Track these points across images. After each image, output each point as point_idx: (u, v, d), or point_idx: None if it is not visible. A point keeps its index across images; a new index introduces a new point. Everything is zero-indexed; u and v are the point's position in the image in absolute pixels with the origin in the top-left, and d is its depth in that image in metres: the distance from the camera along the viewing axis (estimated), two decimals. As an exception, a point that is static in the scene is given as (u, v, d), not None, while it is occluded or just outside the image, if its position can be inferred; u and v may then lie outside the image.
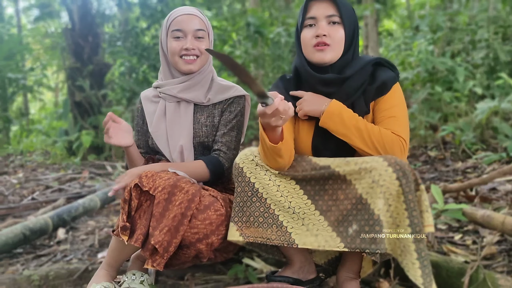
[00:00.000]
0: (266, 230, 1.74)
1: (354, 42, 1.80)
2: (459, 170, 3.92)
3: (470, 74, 5.42)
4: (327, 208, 1.69)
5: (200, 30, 1.96)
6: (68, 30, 8.49)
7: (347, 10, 1.77)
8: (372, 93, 1.76)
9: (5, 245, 2.64)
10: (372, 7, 9.06)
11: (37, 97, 14.61)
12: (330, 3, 1.74)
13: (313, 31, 1.75)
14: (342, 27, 1.74)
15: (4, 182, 5.48)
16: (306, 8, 1.78)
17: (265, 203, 1.74)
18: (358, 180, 1.63)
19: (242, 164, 1.77)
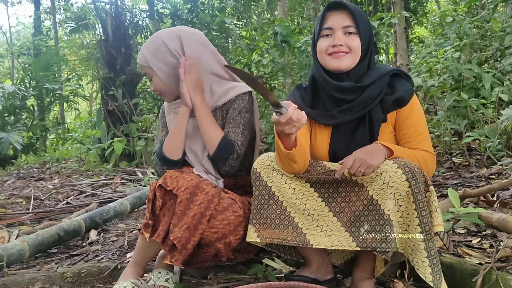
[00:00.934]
0: (282, 232, 1.82)
1: (370, 52, 1.88)
2: (483, 176, 3.90)
3: (497, 81, 5.37)
4: (340, 209, 1.77)
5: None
6: (102, 41, 8.79)
7: (363, 20, 1.86)
8: (389, 104, 1.83)
9: (41, 245, 2.80)
10: (400, 14, 9.02)
11: (72, 107, 15.03)
12: (346, 14, 1.83)
13: (329, 40, 1.84)
14: (358, 37, 1.82)
15: (41, 188, 5.71)
16: (323, 19, 1.87)
17: (281, 206, 1.83)
18: (370, 183, 1.70)
19: (259, 169, 1.87)
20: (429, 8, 17.79)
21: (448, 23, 6.88)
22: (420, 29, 18.97)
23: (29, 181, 6.55)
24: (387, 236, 1.65)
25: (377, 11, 15.63)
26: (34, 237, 2.79)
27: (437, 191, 3.62)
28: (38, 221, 3.89)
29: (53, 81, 12.30)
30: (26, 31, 24.76)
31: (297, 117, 1.57)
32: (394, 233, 1.65)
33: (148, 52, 2.11)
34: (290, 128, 1.59)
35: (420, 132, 1.84)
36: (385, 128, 1.87)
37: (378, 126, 1.84)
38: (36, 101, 11.99)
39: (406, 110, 1.85)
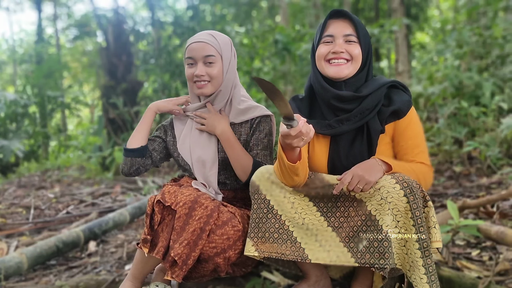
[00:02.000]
0: (280, 246, 1.81)
1: (369, 62, 1.88)
2: (484, 185, 3.89)
3: (497, 89, 5.37)
4: (339, 224, 1.76)
5: (209, 56, 2.03)
6: (103, 49, 8.82)
7: (363, 31, 1.86)
8: (387, 115, 1.82)
9: (39, 257, 2.79)
10: (400, 21, 9.04)
11: (74, 114, 15.07)
12: (348, 23, 1.84)
13: (329, 47, 1.85)
14: (359, 45, 1.83)
15: (41, 197, 5.72)
16: (325, 26, 1.87)
17: (280, 220, 1.82)
18: (368, 198, 1.70)
19: (258, 182, 1.85)
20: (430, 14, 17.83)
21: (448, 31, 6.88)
22: (421, 35, 19.00)
23: (30, 189, 6.55)
24: (385, 252, 1.64)
25: (378, 17, 15.65)
26: (32, 249, 2.79)
27: (437, 201, 3.61)
28: (37, 231, 3.90)
29: (55, 88, 12.34)
30: (29, 38, 24.86)
31: (306, 130, 1.57)
32: (392, 249, 1.64)
33: (221, 41, 2.10)
34: (298, 142, 1.59)
35: (418, 144, 1.84)
36: (383, 139, 1.86)
37: (376, 137, 1.83)
38: (38, 108, 12.02)
39: (404, 122, 1.84)
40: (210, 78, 2.05)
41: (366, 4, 19.27)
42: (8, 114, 10.58)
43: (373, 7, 17.98)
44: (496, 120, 4.95)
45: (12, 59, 20.61)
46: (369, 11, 18.71)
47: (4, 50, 25.07)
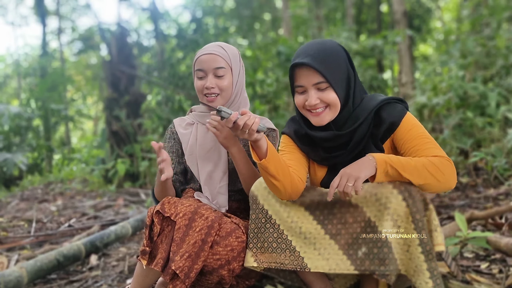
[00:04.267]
0: (280, 255, 1.79)
1: (351, 93, 1.76)
2: (491, 197, 3.84)
3: (503, 99, 5.33)
4: (337, 231, 1.73)
5: (220, 68, 2.01)
6: (106, 62, 8.85)
7: (333, 69, 1.70)
8: (380, 135, 1.76)
9: (40, 271, 2.75)
10: (404, 33, 9.04)
11: (78, 127, 15.11)
12: (313, 70, 1.69)
13: (304, 97, 1.74)
14: (332, 90, 1.70)
15: (44, 210, 5.68)
16: (293, 76, 1.75)
17: (278, 229, 1.80)
18: (366, 204, 1.67)
19: (256, 191, 1.84)
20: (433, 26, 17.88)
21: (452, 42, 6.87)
22: (424, 46, 19.04)
23: (33, 202, 6.52)
24: (385, 259, 1.61)
25: (381, 29, 15.69)
26: (32, 263, 2.74)
27: (444, 212, 3.56)
28: (39, 244, 3.86)
29: (59, 101, 12.39)
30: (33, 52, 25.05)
31: (247, 123, 1.59)
32: (393, 255, 1.60)
33: (230, 53, 2.08)
34: (242, 134, 1.62)
35: (425, 141, 1.71)
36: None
37: None
38: (41, 121, 12.05)
39: (401, 129, 1.73)
40: (220, 90, 2.03)
41: (368, 16, 19.37)
42: (12, 127, 10.61)
43: (375, 19, 18.06)
44: (502, 131, 4.90)
45: (16, 72, 20.73)
46: (372, 23, 18.79)
47: (9, 64, 25.25)
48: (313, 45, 1.72)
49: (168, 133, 2.25)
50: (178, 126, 2.22)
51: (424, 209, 1.62)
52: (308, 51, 1.70)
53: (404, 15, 10.73)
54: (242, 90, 2.14)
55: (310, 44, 1.74)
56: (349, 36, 9.48)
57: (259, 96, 8.14)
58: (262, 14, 20.70)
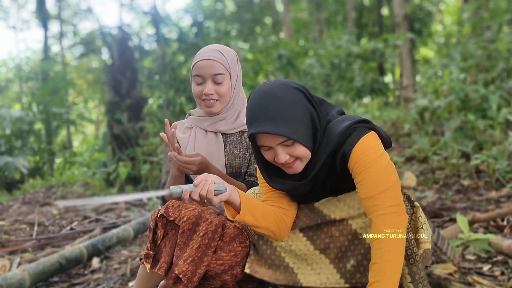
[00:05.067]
0: (275, 272, 1.79)
1: (319, 135, 1.59)
2: (493, 199, 3.83)
3: (504, 101, 5.34)
4: (325, 246, 1.72)
5: (218, 74, 1.99)
6: (108, 65, 8.88)
7: (296, 125, 1.52)
8: (338, 168, 1.61)
9: (42, 274, 2.75)
10: (405, 36, 9.06)
11: (79, 130, 15.11)
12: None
13: (272, 153, 1.58)
14: (299, 144, 1.54)
15: (45, 213, 5.69)
16: (254, 138, 1.58)
17: (271, 246, 1.80)
18: (351, 217, 1.67)
19: None
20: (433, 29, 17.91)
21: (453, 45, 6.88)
22: (425, 50, 19.07)
23: (34, 206, 6.53)
24: None
25: (382, 32, 15.71)
26: (34, 266, 2.75)
27: (446, 215, 3.55)
28: (41, 247, 3.86)
29: (60, 105, 12.41)
30: (35, 56, 25.12)
31: (201, 194, 1.56)
32: None
33: (228, 57, 2.05)
34: (203, 203, 1.61)
35: (371, 177, 1.53)
36: None
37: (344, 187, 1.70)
38: (43, 125, 12.08)
39: (351, 159, 1.55)
40: (219, 96, 2.02)
41: (369, 20, 19.40)
42: (14, 131, 10.64)
43: (376, 22, 18.09)
44: (504, 133, 4.90)
45: (18, 76, 20.79)
46: (373, 26, 18.82)
47: (10, 68, 25.32)
48: (267, 103, 1.51)
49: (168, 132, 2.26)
50: (177, 130, 2.22)
51: (410, 207, 1.62)
52: (263, 114, 1.50)
53: (405, 19, 10.75)
54: (240, 91, 2.14)
55: (263, 102, 1.52)
56: (349, 39, 9.50)
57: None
58: (263, 18, 20.75)
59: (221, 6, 21.11)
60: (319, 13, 16.63)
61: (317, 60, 8.32)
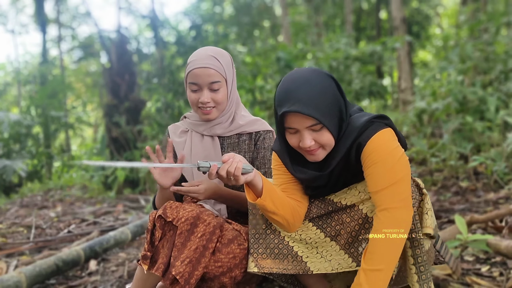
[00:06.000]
0: (282, 261, 1.78)
1: (344, 125, 1.63)
2: (491, 201, 3.83)
3: (502, 103, 5.34)
4: (336, 232, 1.73)
5: (214, 82, 1.96)
6: (106, 69, 8.87)
7: (326, 109, 1.55)
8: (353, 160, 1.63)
9: (38, 276, 2.74)
10: (403, 39, 9.07)
11: (77, 134, 15.09)
12: (307, 115, 1.54)
13: (297, 138, 1.61)
14: (326, 130, 1.57)
15: (43, 216, 5.67)
16: (283, 118, 1.60)
17: (279, 236, 1.80)
18: (361, 202, 1.68)
19: None
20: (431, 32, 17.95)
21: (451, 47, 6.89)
22: (423, 53, 19.10)
23: (32, 209, 6.50)
24: None
25: (380, 36, 15.74)
26: (31, 268, 2.73)
27: (444, 216, 3.55)
28: (38, 250, 3.84)
29: (59, 108, 12.39)
30: (33, 60, 25.13)
31: (229, 171, 1.57)
32: None
33: (224, 63, 2.01)
34: (229, 181, 1.60)
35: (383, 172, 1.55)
36: None
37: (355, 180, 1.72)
38: (41, 128, 12.06)
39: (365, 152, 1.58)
40: (216, 104, 1.99)
41: (367, 23, 19.45)
42: (12, 134, 10.61)
43: (374, 26, 18.13)
44: (502, 135, 4.91)
45: (16, 80, 20.78)
46: (371, 30, 18.86)
47: (9, 72, 25.32)
48: (300, 86, 1.55)
49: (163, 140, 2.26)
50: (172, 134, 2.21)
51: (419, 194, 1.63)
52: (296, 96, 1.53)
53: (403, 22, 10.77)
54: (236, 94, 2.12)
55: (296, 85, 1.55)
56: (348, 42, 9.51)
57: (259, 102, 8.14)
58: (262, 21, 20.78)
59: (220, 9, 21.15)
60: (317, 17, 16.65)
61: (315, 63, 8.32)
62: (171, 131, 2.23)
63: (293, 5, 18.70)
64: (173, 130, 2.22)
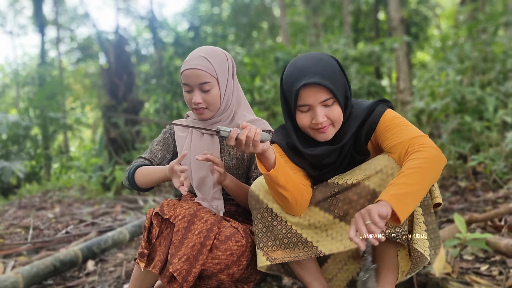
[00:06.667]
0: (293, 250, 1.80)
1: (349, 104, 1.74)
2: (490, 200, 3.82)
3: (501, 103, 5.34)
4: (345, 212, 1.74)
5: (205, 83, 1.95)
6: (104, 70, 8.87)
7: (337, 84, 1.66)
8: (363, 138, 1.73)
9: (36, 276, 2.72)
10: (401, 39, 9.07)
11: (76, 135, 15.07)
12: (321, 87, 1.63)
13: (309, 116, 1.69)
14: (337, 104, 1.67)
15: (41, 217, 5.65)
16: (296, 96, 1.66)
17: (286, 225, 1.80)
18: (367, 179, 1.70)
19: (258, 191, 1.83)
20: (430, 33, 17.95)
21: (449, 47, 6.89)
22: (422, 54, 19.11)
23: (30, 210, 6.49)
24: None
25: (378, 37, 15.75)
26: (28, 268, 2.72)
27: (443, 216, 3.54)
28: (36, 251, 3.83)
29: (57, 110, 12.38)
30: (32, 61, 25.11)
31: (248, 135, 1.57)
32: None
33: (216, 63, 2.00)
34: (248, 148, 1.59)
35: (408, 132, 1.64)
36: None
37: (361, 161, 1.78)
38: (40, 130, 12.04)
39: (380, 126, 1.71)
40: (207, 104, 1.99)
41: (366, 24, 19.45)
42: (10, 136, 10.59)
43: (373, 27, 18.13)
44: (500, 134, 4.90)
45: (15, 82, 20.76)
46: (369, 31, 18.87)
47: (7, 73, 25.31)
48: (315, 62, 1.65)
49: (165, 128, 2.26)
50: (176, 128, 2.21)
51: None
52: (314, 70, 1.62)
53: (401, 22, 10.77)
54: (235, 95, 2.10)
55: (311, 62, 1.65)
56: (346, 42, 9.51)
57: (257, 103, 8.14)
58: (260, 22, 20.79)
59: (218, 10, 21.15)
60: (315, 18, 16.66)
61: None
62: (175, 127, 2.22)
63: (291, 6, 18.70)
64: (176, 127, 2.22)
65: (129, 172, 2.06)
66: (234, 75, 2.11)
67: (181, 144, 2.15)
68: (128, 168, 2.09)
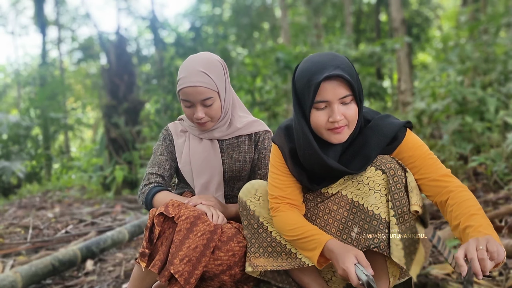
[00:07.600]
0: (276, 259, 1.80)
1: (361, 109, 1.67)
2: (491, 201, 3.80)
3: (502, 104, 5.32)
4: (325, 222, 1.75)
5: (207, 99, 1.93)
6: (105, 70, 8.87)
7: (355, 81, 1.60)
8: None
9: (34, 276, 2.72)
10: (402, 40, 9.07)
11: (77, 135, 15.07)
12: (341, 82, 1.56)
13: (325, 114, 1.60)
14: (354, 102, 1.60)
15: (41, 217, 5.64)
16: (316, 90, 1.57)
17: (271, 234, 1.81)
18: (344, 188, 1.70)
19: (245, 198, 1.84)
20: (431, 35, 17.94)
21: (450, 47, 6.88)
22: (423, 55, 19.10)
23: (30, 210, 6.48)
24: (376, 231, 1.61)
25: (380, 38, 15.73)
26: (27, 267, 2.71)
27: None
28: (35, 251, 3.82)
29: (58, 110, 12.39)
30: (33, 62, 25.14)
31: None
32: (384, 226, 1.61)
33: (216, 76, 1.96)
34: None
35: (433, 160, 1.66)
36: None
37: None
38: (41, 130, 12.05)
39: (403, 147, 1.67)
40: (210, 117, 1.98)
41: (367, 25, 19.44)
42: (11, 136, 10.59)
43: (374, 28, 18.12)
44: (501, 135, 4.89)
45: (16, 82, 20.78)
46: (371, 32, 18.87)
47: (8, 73, 25.33)
48: (331, 56, 1.59)
49: (163, 134, 2.21)
50: (174, 134, 2.18)
51: (404, 171, 1.62)
52: (334, 63, 1.56)
53: (403, 23, 10.76)
54: (230, 99, 2.09)
55: (328, 57, 1.59)
56: (347, 43, 9.50)
57: (258, 104, 8.13)
58: (261, 23, 20.78)
59: (219, 11, 21.15)
60: (317, 18, 16.66)
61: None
62: (172, 130, 2.20)
63: (292, 6, 18.70)
64: (174, 129, 2.20)
65: (146, 197, 2.02)
66: (228, 80, 2.09)
67: (180, 150, 2.13)
68: (144, 190, 2.04)
